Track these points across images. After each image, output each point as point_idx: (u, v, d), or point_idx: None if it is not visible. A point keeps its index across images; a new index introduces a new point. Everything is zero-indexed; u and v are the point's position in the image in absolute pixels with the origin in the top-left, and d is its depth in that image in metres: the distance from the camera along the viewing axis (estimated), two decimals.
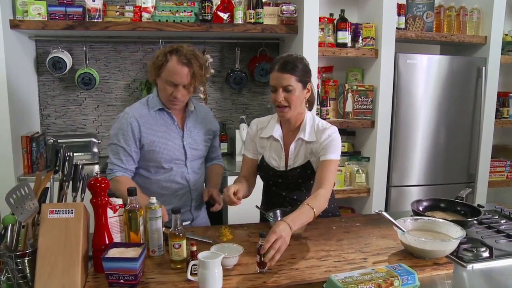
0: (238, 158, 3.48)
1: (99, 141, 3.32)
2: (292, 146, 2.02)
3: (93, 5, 2.88)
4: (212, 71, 3.49)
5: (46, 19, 2.88)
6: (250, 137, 2.13)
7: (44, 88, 3.35)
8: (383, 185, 3.42)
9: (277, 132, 2.04)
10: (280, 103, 1.89)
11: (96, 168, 3.17)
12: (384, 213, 1.76)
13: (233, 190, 1.88)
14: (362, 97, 3.34)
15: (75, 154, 3.18)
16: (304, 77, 1.91)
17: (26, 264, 1.42)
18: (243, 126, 3.47)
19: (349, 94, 3.36)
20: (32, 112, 3.29)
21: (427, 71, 3.33)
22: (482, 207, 2.18)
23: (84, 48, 3.25)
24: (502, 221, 2.14)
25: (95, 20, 2.91)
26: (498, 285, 1.58)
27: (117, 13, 2.97)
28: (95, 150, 3.27)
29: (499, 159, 3.81)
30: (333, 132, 1.97)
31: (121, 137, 2.03)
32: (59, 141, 3.18)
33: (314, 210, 1.75)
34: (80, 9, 2.91)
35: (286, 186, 2.07)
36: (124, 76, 3.46)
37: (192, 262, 1.44)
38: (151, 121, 2.07)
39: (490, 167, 3.67)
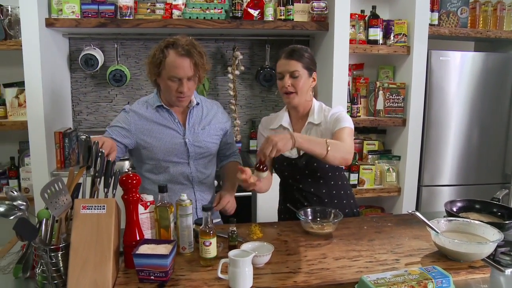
0: None
1: None
2: (302, 132, 2.03)
3: (125, 2, 2.91)
4: (242, 68, 3.48)
5: (80, 17, 2.93)
6: (260, 133, 2.18)
7: (77, 85, 3.42)
8: (414, 185, 3.35)
9: (286, 121, 2.08)
10: (287, 88, 1.94)
11: (127, 164, 3.20)
12: (417, 214, 1.72)
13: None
14: (394, 95, 3.28)
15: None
16: (310, 65, 1.97)
17: (60, 258, 1.43)
18: None
19: (380, 92, 3.30)
20: (65, 108, 3.35)
21: (461, 68, 3.24)
22: None
23: (116, 45, 3.29)
24: None
25: (127, 18, 2.94)
26: None
27: (148, 10, 3.00)
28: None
29: None
30: (339, 110, 2.01)
31: (117, 124, 2.00)
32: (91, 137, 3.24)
33: (328, 143, 1.75)
34: (112, 7, 2.95)
35: (302, 176, 2.05)
36: None
37: (222, 260, 1.44)
38: (149, 118, 2.02)
39: None
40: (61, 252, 1.44)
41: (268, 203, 2.01)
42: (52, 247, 1.43)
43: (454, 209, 2.05)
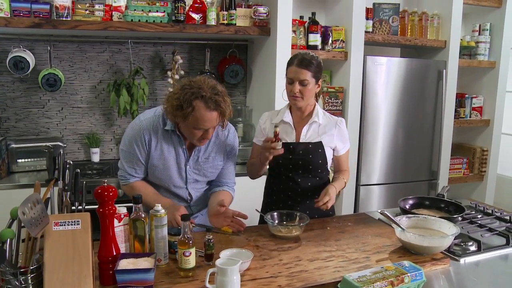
0: None
1: (65, 145, 3.16)
2: (305, 128, 2.19)
3: (62, 2, 2.72)
4: (182, 72, 3.39)
5: (9, 15, 2.69)
6: (260, 127, 2.29)
7: (3, 90, 3.13)
8: (352, 184, 3.51)
9: (287, 117, 2.21)
10: (295, 94, 2.09)
11: None
12: (386, 212, 1.82)
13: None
14: (332, 99, 3.41)
15: (38, 159, 3.02)
16: (318, 74, 2.12)
17: (30, 282, 1.33)
18: None
19: (320, 96, 3.41)
20: None
21: (392, 73, 3.46)
22: (460, 203, 2.29)
23: (48, 48, 3.07)
24: (479, 216, 2.27)
25: (64, 19, 2.75)
26: (492, 276, 1.69)
27: (87, 11, 2.83)
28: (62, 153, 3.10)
29: (456, 157, 4.02)
30: (344, 126, 2.26)
31: (135, 146, 1.96)
32: (21, 145, 3.00)
33: (345, 181, 2.23)
34: (47, 6, 2.74)
35: (295, 164, 2.17)
36: (90, 77, 3.30)
37: (210, 270, 1.41)
38: (161, 137, 1.98)
39: (449, 165, 3.87)
40: (31, 275, 1.33)
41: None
42: (22, 270, 1.31)
43: (407, 206, 2.18)
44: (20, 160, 2.99)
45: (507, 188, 4.31)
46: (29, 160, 3.02)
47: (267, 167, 2.20)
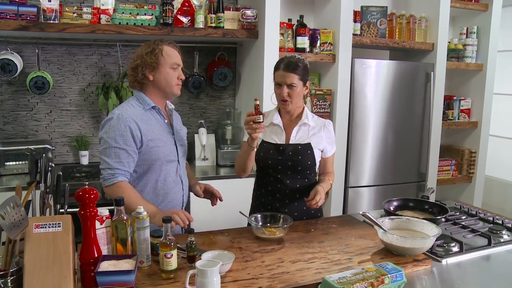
0: (198, 163, 3.45)
1: (53, 148, 3.16)
2: (294, 130, 2.22)
3: (49, 5, 2.73)
4: None
5: None
6: None
7: None
8: (341, 186, 3.53)
9: (277, 119, 2.24)
10: (284, 97, 2.13)
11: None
12: (368, 214, 1.83)
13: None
14: (321, 101, 3.43)
15: (26, 162, 3.02)
16: (305, 76, 2.16)
17: (9, 284, 1.33)
18: (202, 130, 3.43)
19: (308, 98, 3.43)
20: None
21: (381, 75, 3.48)
22: (444, 204, 2.31)
23: (37, 50, 3.07)
24: (463, 217, 2.29)
25: (51, 22, 2.76)
26: (473, 276, 1.70)
27: (75, 14, 2.83)
28: (50, 156, 3.10)
29: (445, 159, 4.05)
30: (332, 128, 2.30)
31: (120, 139, 1.93)
32: (8, 148, 3.00)
33: (331, 182, 2.27)
34: (34, 9, 2.74)
35: (284, 165, 2.19)
36: (78, 80, 3.30)
37: (190, 272, 1.42)
38: (146, 119, 2.04)
39: (438, 166, 3.89)
40: (10, 277, 1.33)
41: (202, 211, 2.03)
42: (1, 273, 1.31)
43: (391, 208, 2.20)
44: (8, 163, 2.99)
45: (495, 189, 4.35)
46: (17, 163, 3.02)
47: (253, 154, 2.15)
